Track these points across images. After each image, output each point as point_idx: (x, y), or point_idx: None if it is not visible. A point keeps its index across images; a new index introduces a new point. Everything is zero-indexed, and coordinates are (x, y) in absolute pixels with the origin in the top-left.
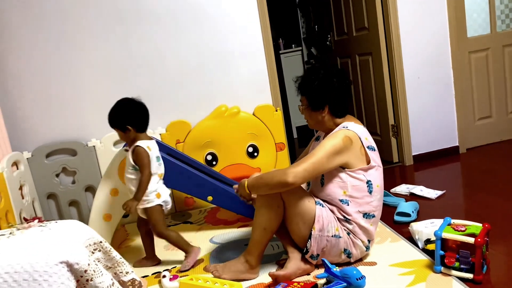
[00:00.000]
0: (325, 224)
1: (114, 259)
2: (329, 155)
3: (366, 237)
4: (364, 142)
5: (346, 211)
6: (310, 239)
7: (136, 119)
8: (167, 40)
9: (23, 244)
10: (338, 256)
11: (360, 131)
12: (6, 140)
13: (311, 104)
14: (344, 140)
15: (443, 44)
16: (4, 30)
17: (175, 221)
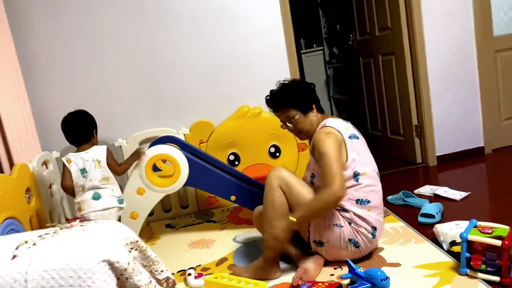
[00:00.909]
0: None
1: (150, 257)
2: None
3: (367, 224)
4: (344, 133)
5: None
6: (310, 224)
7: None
8: (190, 42)
9: (67, 243)
10: (346, 248)
11: (338, 124)
12: (36, 140)
13: (302, 109)
14: (330, 136)
15: (468, 43)
16: (33, 33)
17: (198, 220)
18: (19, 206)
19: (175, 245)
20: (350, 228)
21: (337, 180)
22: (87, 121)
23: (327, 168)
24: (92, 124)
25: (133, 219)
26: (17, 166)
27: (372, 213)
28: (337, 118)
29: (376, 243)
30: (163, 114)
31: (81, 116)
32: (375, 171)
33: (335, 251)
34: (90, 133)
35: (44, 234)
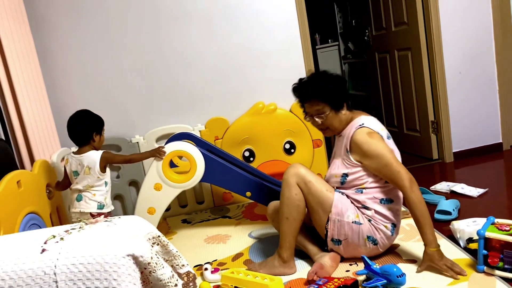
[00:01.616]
0: (343, 210)
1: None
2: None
3: (387, 221)
4: (382, 133)
5: (361, 199)
6: (328, 222)
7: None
8: (205, 39)
9: (93, 237)
10: (364, 245)
11: (375, 124)
12: (56, 137)
13: (334, 106)
14: (373, 136)
15: (487, 38)
16: (53, 32)
17: (214, 215)
18: (40, 202)
19: (191, 240)
20: (369, 225)
21: (401, 176)
22: (85, 124)
23: (390, 170)
24: (91, 127)
25: (151, 214)
26: (37, 162)
27: (392, 212)
28: (369, 116)
29: (393, 240)
30: (179, 111)
31: (81, 118)
32: None
33: (353, 248)
34: (88, 136)
35: (70, 229)
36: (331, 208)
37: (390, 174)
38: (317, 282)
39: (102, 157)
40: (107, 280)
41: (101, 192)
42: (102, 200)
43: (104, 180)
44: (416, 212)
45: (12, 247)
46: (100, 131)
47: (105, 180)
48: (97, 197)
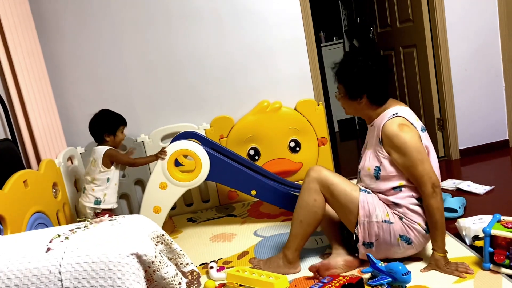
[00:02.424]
0: (371, 210)
1: (175, 251)
2: (420, 148)
3: (421, 219)
4: (416, 124)
5: (399, 197)
6: (358, 225)
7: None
8: (210, 38)
9: (98, 237)
10: (397, 245)
11: (410, 114)
12: (62, 136)
13: (348, 93)
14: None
15: (493, 34)
16: (59, 32)
17: (219, 214)
18: (46, 201)
19: (197, 238)
20: (401, 224)
21: (426, 180)
22: (95, 125)
23: (415, 172)
24: (101, 129)
25: (156, 213)
26: (44, 161)
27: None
28: (403, 106)
29: (429, 238)
30: (184, 110)
31: (94, 120)
32: (437, 167)
33: (385, 249)
34: (99, 137)
35: (75, 228)
36: (358, 210)
37: (414, 176)
38: (322, 281)
39: (106, 152)
40: (111, 279)
41: (101, 187)
42: (101, 196)
43: (107, 176)
44: (431, 220)
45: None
46: (113, 131)
47: (108, 177)
48: (96, 192)
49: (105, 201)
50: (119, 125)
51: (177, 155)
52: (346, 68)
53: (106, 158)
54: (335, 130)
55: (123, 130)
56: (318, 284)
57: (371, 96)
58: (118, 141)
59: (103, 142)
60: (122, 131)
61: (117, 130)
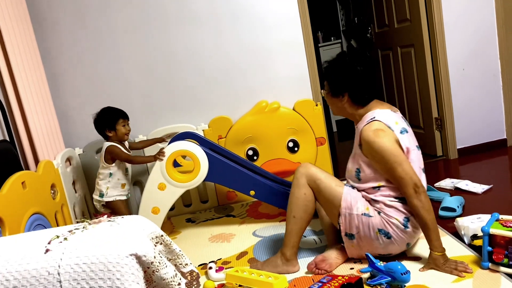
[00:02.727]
0: (352, 203)
1: (174, 251)
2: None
3: (399, 214)
4: (395, 127)
5: (377, 194)
6: (340, 217)
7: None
8: (208, 38)
9: (97, 237)
10: (377, 239)
11: (388, 118)
12: (60, 138)
13: (331, 90)
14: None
15: (490, 34)
16: (56, 33)
17: (218, 214)
18: (44, 202)
19: (196, 239)
20: (380, 218)
21: (407, 181)
22: (96, 123)
23: (394, 175)
24: (101, 125)
25: (155, 213)
26: (42, 163)
27: (406, 205)
28: (385, 109)
29: (412, 234)
30: (182, 111)
31: (95, 117)
32: (421, 167)
33: (366, 243)
34: (101, 132)
35: (74, 229)
36: (340, 202)
37: (395, 178)
38: (321, 280)
39: (107, 148)
40: (110, 280)
41: (104, 181)
42: (103, 190)
43: (109, 171)
44: (419, 220)
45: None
46: (113, 126)
47: (110, 172)
48: (100, 186)
49: (107, 194)
50: (117, 119)
51: (175, 156)
52: (332, 66)
53: (107, 154)
54: (333, 130)
55: (124, 123)
56: (317, 284)
57: (353, 95)
58: (121, 135)
59: (107, 138)
60: (123, 125)
61: (116, 124)
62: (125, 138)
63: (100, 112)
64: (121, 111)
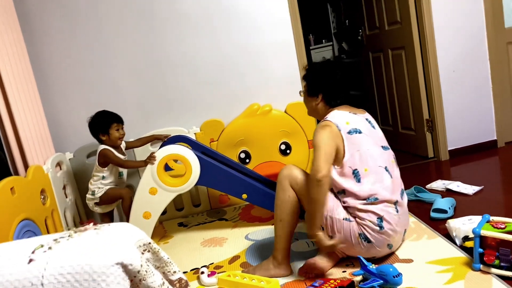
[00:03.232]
0: (335, 206)
1: (162, 259)
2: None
3: (371, 215)
4: (343, 127)
5: (344, 200)
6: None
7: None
8: (199, 41)
9: (82, 246)
10: (358, 244)
11: (339, 118)
12: (50, 142)
13: (308, 89)
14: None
15: (479, 36)
16: (46, 36)
17: (211, 218)
18: (34, 208)
19: (188, 243)
20: (356, 223)
21: (314, 164)
22: (90, 126)
23: (313, 157)
24: (94, 131)
25: (146, 218)
26: (31, 168)
27: (378, 205)
28: (343, 111)
29: (391, 235)
30: (173, 114)
31: (90, 121)
32: (381, 166)
33: (349, 247)
34: (95, 136)
35: (59, 238)
36: None
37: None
38: (314, 284)
39: (100, 152)
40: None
41: (97, 183)
42: (96, 189)
43: (102, 174)
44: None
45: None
46: (106, 130)
47: (103, 175)
48: (92, 186)
49: (98, 192)
50: (111, 123)
51: (166, 160)
52: (313, 68)
53: (101, 158)
54: None
55: (117, 127)
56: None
57: (326, 96)
58: (114, 139)
59: (102, 142)
60: (116, 129)
61: (110, 128)
62: (119, 143)
63: (95, 115)
64: (115, 115)
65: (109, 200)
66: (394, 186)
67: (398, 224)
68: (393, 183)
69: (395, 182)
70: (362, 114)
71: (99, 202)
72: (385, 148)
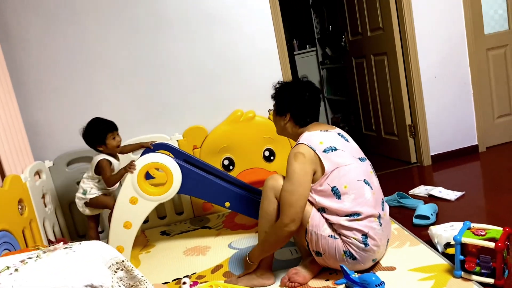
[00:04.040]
0: (320, 223)
1: (136, 277)
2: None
3: (356, 233)
4: (318, 147)
5: (327, 218)
6: (306, 233)
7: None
8: (181, 47)
9: (50, 267)
10: (343, 261)
11: (312, 139)
12: (28, 150)
13: (276, 108)
14: (297, 158)
15: (460, 42)
16: (26, 42)
17: (194, 226)
18: (11, 219)
19: (170, 252)
20: (341, 241)
21: (288, 212)
22: (85, 138)
23: (283, 196)
24: (90, 142)
25: (127, 228)
26: (8, 177)
27: (362, 222)
28: (315, 131)
29: (375, 250)
30: (155, 121)
31: (83, 132)
32: (360, 180)
33: (333, 263)
34: (91, 146)
35: (26, 259)
36: (308, 219)
37: (282, 200)
38: None
39: (98, 163)
40: None
41: (90, 183)
42: (88, 189)
43: (98, 178)
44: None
45: None
46: (102, 141)
47: (99, 178)
48: (85, 184)
49: (90, 192)
50: (106, 133)
51: (147, 168)
52: (283, 87)
53: (97, 168)
54: None
55: (113, 136)
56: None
57: (294, 116)
58: (112, 148)
59: (99, 151)
60: (112, 138)
61: (106, 138)
62: (116, 151)
63: (88, 126)
64: (109, 123)
65: (98, 205)
66: (375, 198)
67: (382, 238)
68: (374, 196)
69: (376, 194)
70: (333, 130)
71: (89, 203)
72: (362, 159)
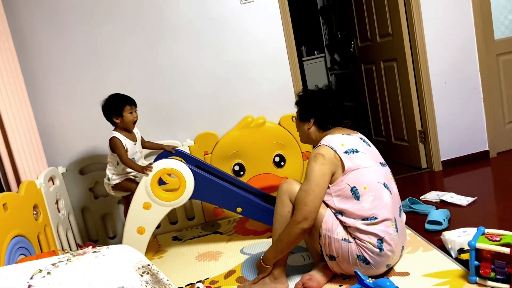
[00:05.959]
0: (334, 226)
1: (161, 281)
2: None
3: (371, 237)
4: (339, 149)
5: (343, 220)
6: (320, 238)
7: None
8: (193, 54)
9: (82, 271)
10: (356, 265)
11: (334, 141)
12: (43, 156)
13: (300, 114)
14: (317, 159)
15: (470, 48)
16: (39, 50)
17: (205, 231)
18: (27, 224)
19: (182, 257)
20: (355, 244)
21: (302, 210)
22: (104, 109)
23: (299, 195)
24: (107, 112)
25: (140, 233)
26: (24, 183)
27: (379, 226)
28: (337, 134)
29: (390, 256)
30: (167, 127)
31: (103, 104)
32: (379, 183)
33: (346, 267)
34: (109, 119)
35: (57, 262)
36: (321, 223)
37: (297, 199)
38: None
39: (110, 140)
40: None
41: (111, 168)
42: (110, 175)
43: (116, 160)
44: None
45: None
46: (119, 112)
47: (117, 160)
48: (108, 170)
49: (112, 178)
50: (124, 105)
51: (160, 174)
52: (304, 95)
53: (111, 146)
54: None
55: (130, 110)
56: None
57: (318, 120)
58: (127, 122)
59: (115, 125)
60: (130, 112)
61: (123, 111)
62: (132, 127)
63: (108, 98)
64: (128, 97)
65: (122, 189)
66: (393, 202)
67: (397, 244)
68: (393, 200)
69: (394, 199)
70: (355, 134)
71: (114, 187)
72: (383, 164)
